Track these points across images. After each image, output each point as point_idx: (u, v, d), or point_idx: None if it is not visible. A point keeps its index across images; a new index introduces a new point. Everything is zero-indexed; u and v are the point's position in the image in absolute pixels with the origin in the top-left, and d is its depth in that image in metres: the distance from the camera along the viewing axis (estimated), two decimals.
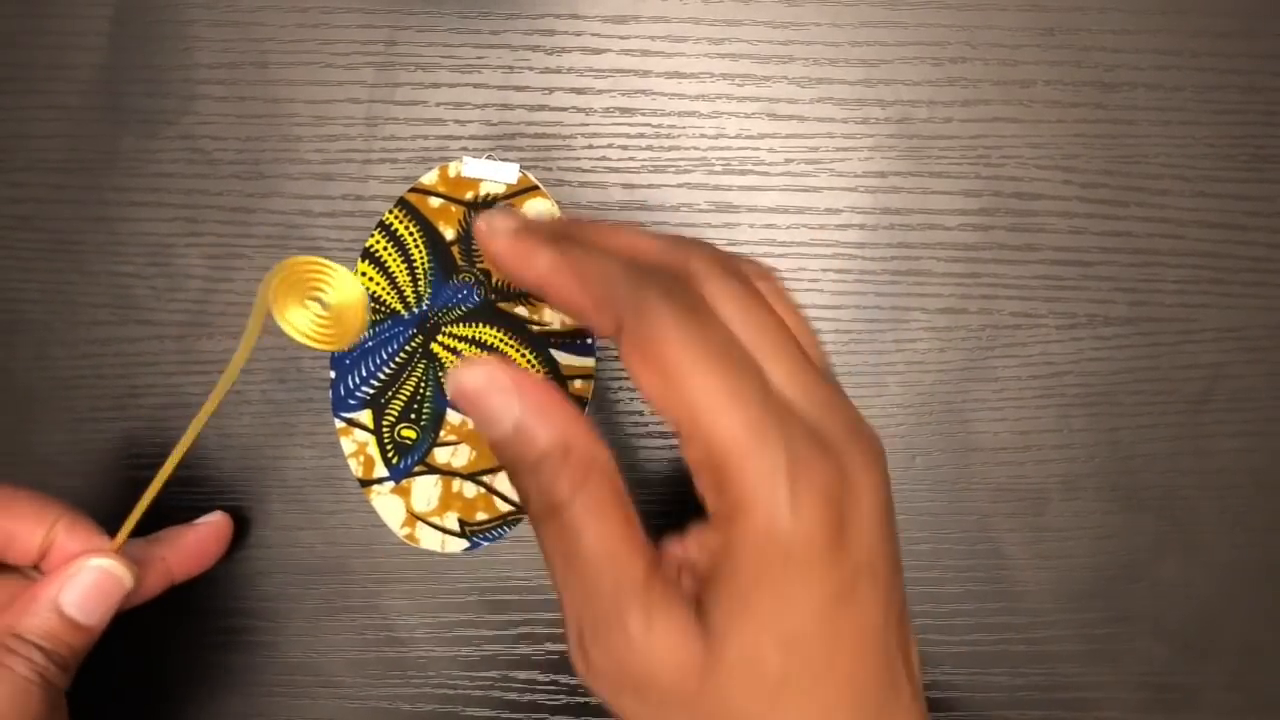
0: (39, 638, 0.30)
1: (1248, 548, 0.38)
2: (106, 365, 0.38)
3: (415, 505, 0.37)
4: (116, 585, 0.31)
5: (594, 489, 0.23)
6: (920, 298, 0.38)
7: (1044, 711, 0.38)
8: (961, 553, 0.38)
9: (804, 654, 0.22)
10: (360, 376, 0.37)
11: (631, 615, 0.22)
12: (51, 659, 0.30)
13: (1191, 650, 0.38)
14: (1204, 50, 0.38)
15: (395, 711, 0.38)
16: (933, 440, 0.38)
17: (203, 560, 0.35)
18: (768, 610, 0.22)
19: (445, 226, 0.37)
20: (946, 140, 0.38)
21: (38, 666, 0.29)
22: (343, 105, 0.38)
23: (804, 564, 0.22)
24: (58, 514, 0.31)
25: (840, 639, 0.23)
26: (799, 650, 0.22)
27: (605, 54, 0.38)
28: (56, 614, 0.30)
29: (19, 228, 0.38)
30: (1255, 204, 0.38)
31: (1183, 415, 0.38)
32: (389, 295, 0.37)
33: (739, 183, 0.38)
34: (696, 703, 0.22)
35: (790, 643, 0.22)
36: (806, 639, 0.22)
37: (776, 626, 0.22)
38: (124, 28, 0.38)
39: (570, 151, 0.38)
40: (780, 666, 0.22)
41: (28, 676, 0.29)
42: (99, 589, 0.31)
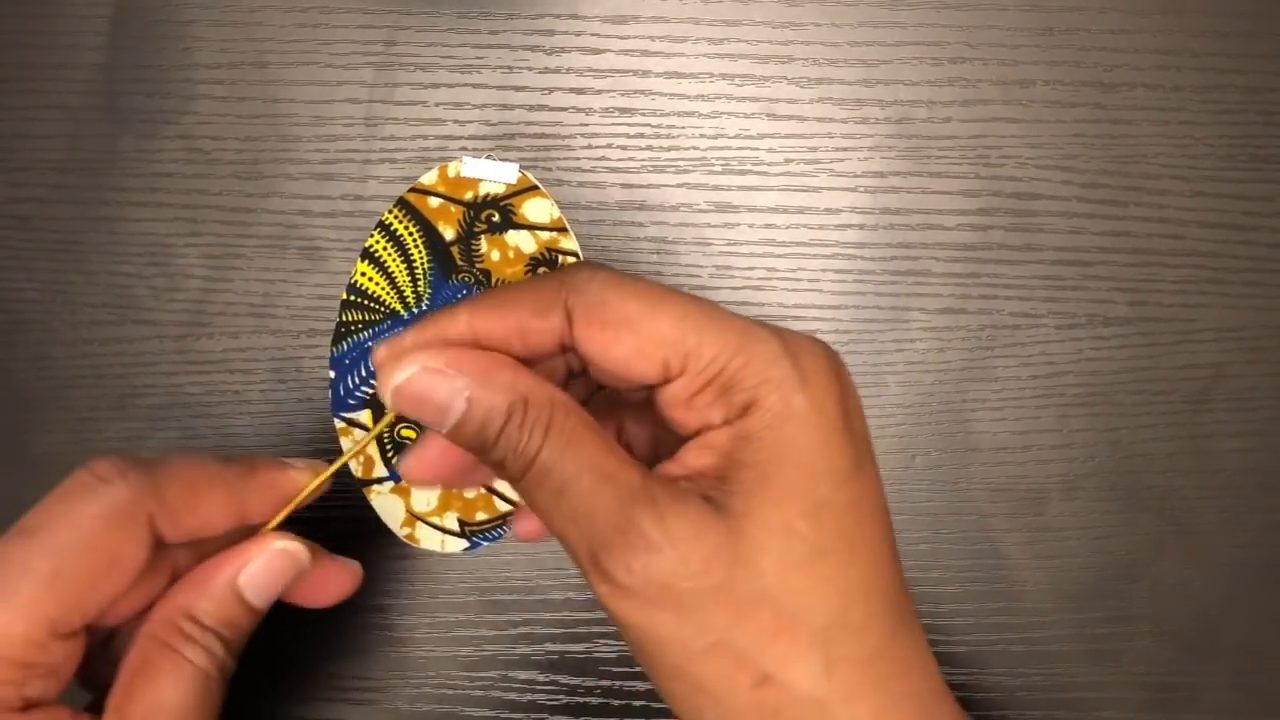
0: (218, 624, 0.27)
1: (1248, 548, 0.38)
2: (106, 365, 0.38)
3: (415, 505, 0.37)
4: (296, 569, 0.28)
5: (562, 424, 0.23)
6: (920, 298, 0.38)
7: (1044, 711, 0.38)
8: (961, 553, 0.38)
9: (833, 523, 0.22)
10: (360, 376, 0.37)
11: (643, 519, 0.22)
12: (229, 649, 0.27)
13: (1192, 650, 0.38)
14: (1204, 50, 0.38)
15: (395, 711, 0.38)
16: (933, 440, 0.38)
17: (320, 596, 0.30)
18: (792, 482, 0.22)
19: (445, 226, 0.37)
20: (946, 140, 0.38)
21: (217, 658, 0.26)
22: (342, 105, 0.38)
23: (822, 433, 0.22)
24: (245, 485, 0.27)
25: (862, 507, 0.23)
26: (827, 519, 0.22)
27: (605, 54, 0.38)
28: (235, 598, 0.27)
29: (19, 228, 0.38)
30: (1255, 204, 0.38)
31: (1183, 415, 0.38)
32: (388, 295, 0.37)
33: (738, 183, 0.38)
34: (728, 590, 0.22)
35: (818, 512, 0.22)
36: (833, 508, 0.22)
37: (803, 496, 0.22)
38: (124, 28, 0.38)
39: (570, 151, 0.38)
40: (814, 537, 0.22)
41: (207, 669, 0.26)
42: (280, 571, 0.28)
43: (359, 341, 0.37)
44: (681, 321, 0.23)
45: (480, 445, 0.24)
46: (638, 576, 0.22)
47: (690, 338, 0.23)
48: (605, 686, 0.38)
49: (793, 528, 0.22)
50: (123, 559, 0.25)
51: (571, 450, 0.23)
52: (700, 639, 0.22)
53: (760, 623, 0.22)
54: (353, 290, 0.37)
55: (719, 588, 0.22)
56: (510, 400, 0.23)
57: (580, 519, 0.23)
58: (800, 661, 0.22)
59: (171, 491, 0.26)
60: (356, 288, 0.37)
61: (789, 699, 0.22)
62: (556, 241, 0.37)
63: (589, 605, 0.38)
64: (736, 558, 0.22)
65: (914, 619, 0.24)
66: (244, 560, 0.27)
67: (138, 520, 0.26)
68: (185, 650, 0.26)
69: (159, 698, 0.25)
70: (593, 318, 0.23)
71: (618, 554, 0.22)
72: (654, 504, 0.22)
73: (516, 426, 0.23)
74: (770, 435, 0.22)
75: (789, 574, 0.22)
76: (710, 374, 0.23)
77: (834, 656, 0.22)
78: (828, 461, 0.23)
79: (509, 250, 0.37)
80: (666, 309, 0.23)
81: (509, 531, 0.37)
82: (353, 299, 0.37)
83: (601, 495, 0.22)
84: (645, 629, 0.22)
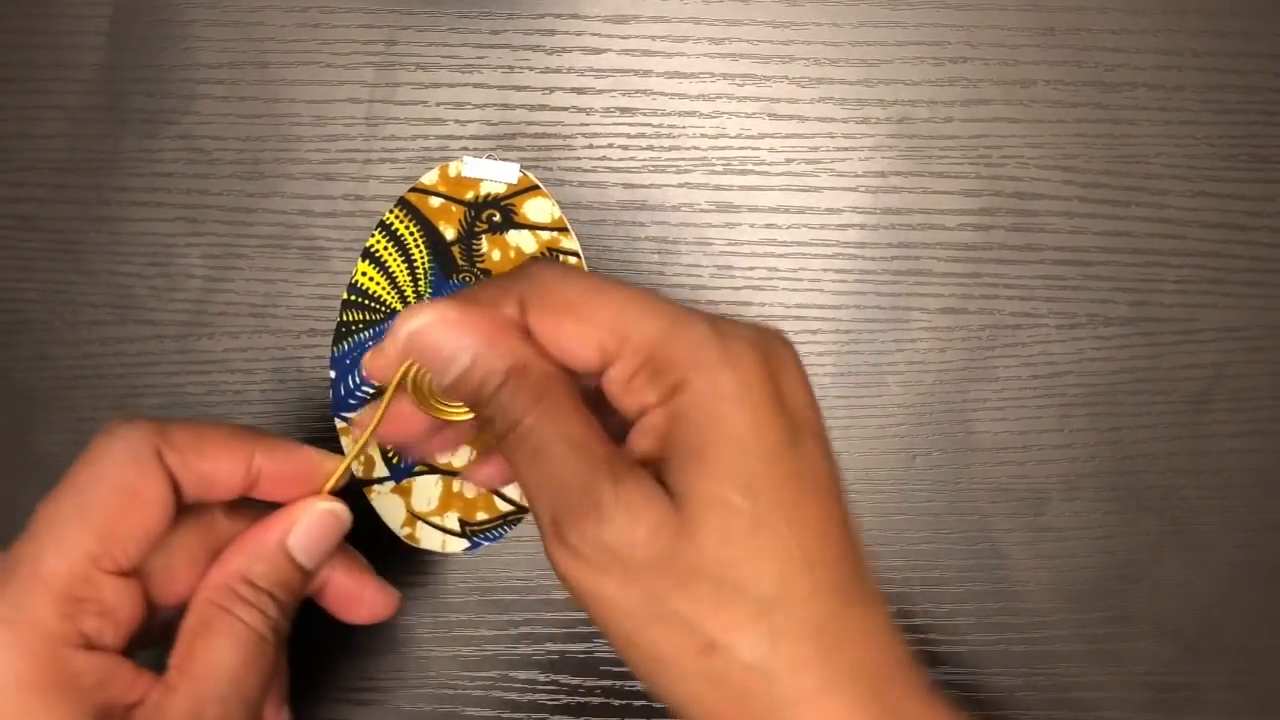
0: (272, 585, 0.28)
1: (1248, 548, 0.38)
2: (106, 365, 0.38)
3: (416, 505, 0.37)
4: (341, 529, 0.29)
5: (551, 394, 0.25)
6: (920, 297, 0.38)
7: (1044, 711, 0.38)
8: (962, 553, 0.38)
9: (769, 495, 0.23)
10: (360, 376, 0.37)
11: (602, 490, 0.23)
12: (283, 610, 0.28)
13: (1192, 650, 0.38)
14: (1204, 50, 0.38)
15: (395, 711, 0.38)
16: (933, 440, 0.38)
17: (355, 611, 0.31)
18: (724, 457, 0.23)
19: (446, 226, 0.37)
20: (947, 140, 0.38)
21: (271, 619, 0.27)
22: (343, 105, 0.38)
23: (750, 410, 0.24)
24: (252, 444, 0.28)
25: (802, 481, 0.24)
26: (763, 492, 0.23)
27: (605, 54, 0.38)
28: (286, 558, 0.28)
29: (19, 228, 0.38)
30: (1255, 204, 0.38)
31: (1183, 415, 0.38)
32: (389, 295, 0.37)
33: (739, 182, 0.38)
34: (673, 563, 0.23)
35: (752, 485, 0.23)
36: (768, 482, 0.23)
37: (735, 470, 0.23)
38: (124, 27, 0.38)
39: (571, 151, 0.38)
40: (749, 509, 0.23)
41: (261, 630, 0.27)
42: (326, 531, 0.29)
43: (360, 341, 0.37)
44: (618, 307, 0.25)
45: (475, 400, 0.25)
46: (589, 542, 0.23)
47: (626, 323, 0.24)
48: (606, 686, 0.38)
49: (728, 502, 0.23)
50: (143, 493, 0.26)
51: (554, 419, 0.24)
52: (646, 607, 0.23)
53: (702, 593, 0.23)
54: (353, 290, 0.37)
55: (663, 558, 0.23)
56: (509, 364, 0.25)
57: (550, 482, 0.24)
58: (744, 631, 0.23)
59: (178, 434, 0.28)
60: (357, 287, 0.37)
61: (736, 667, 0.23)
62: (557, 241, 0.37)
63: None
64: (679, 531, 0.23)
65: (872, 591, 0.25)
66: (291, 521, 0.28)
67: (148, 457, 0.27)
68: (239, 611, 0.27)
69: (216, 658, 0.26)
70: (541, 304, 0.25)
71: (575, 519, 0.23)
72: (614, 475, 0.23)
73: (510, 390, 0.25)
74: (699, 414, 0.24)
75: (726, 546, 0.23)
76: (643, 357, 0.24)
77: (778, 626, 0.23)
78: (757, 437, 0.24)
79: (510, 250, 0.37)
80: (606, 296, 0.25)
81: (508, 531, 0.37)
82: (353, 299, 0.37)
83: (571, 463, 0.24)
84: (594, 595, 0.24)
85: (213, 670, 0.26)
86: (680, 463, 0.24)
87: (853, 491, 0.38)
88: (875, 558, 0.38)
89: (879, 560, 0.38)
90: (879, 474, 0.38)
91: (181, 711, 0.25)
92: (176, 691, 0.26)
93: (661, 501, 0.23)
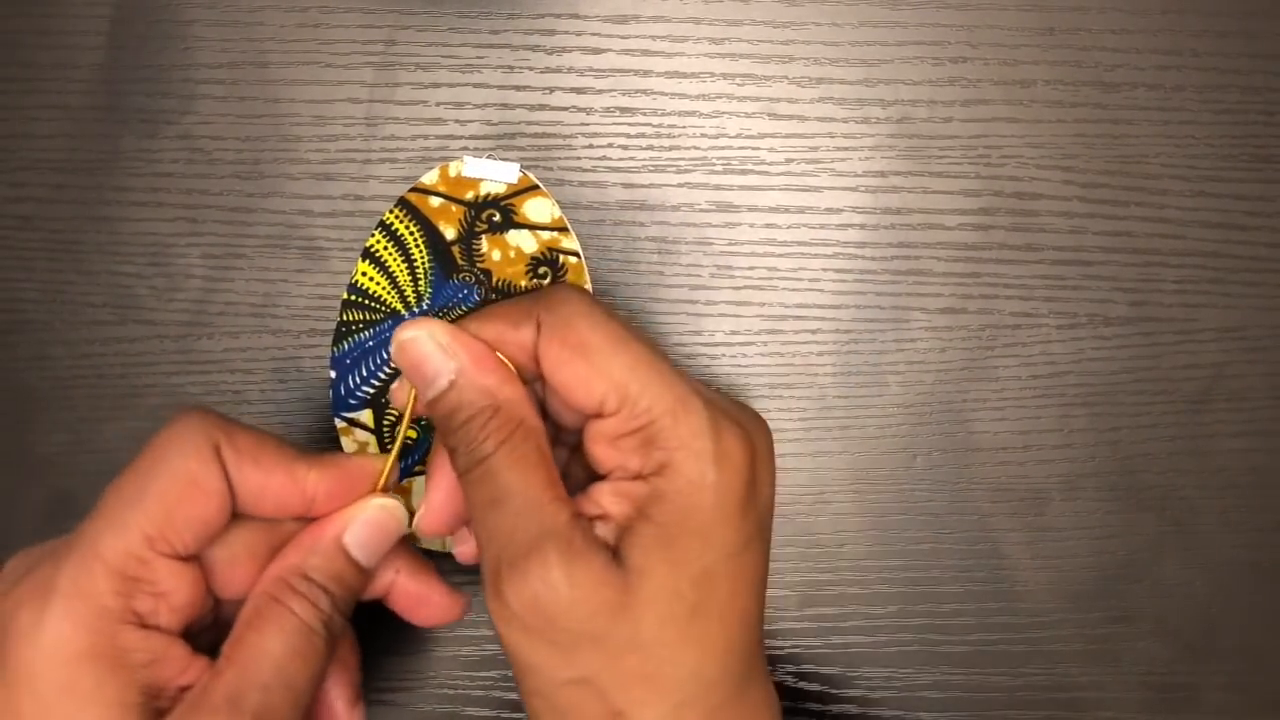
0: (326, 579, 0.28)
1: (1248, 548, 0.38)
2: (106, 365, 0.38)
3: (416, 504, 0.37)
4: (398, 527, 0.30)
5: (519, 444, 0.25)
6: (920, 297, 0.38)
7: (1044, 711, 0.38)
8: (961, 553, 0.38)
9: (713, 590, 0.25)
10: (361, 376, 0.37)
11: (553, 560, 0.24)
12: (337, 604, 0.28)
13: (1191, 650, 0.38)
14: (1204, 50, 0.38)
15: (396, 711, 0.38)
16: (933, 440, 0.38)
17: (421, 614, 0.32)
18: (688, 549, 0.24)
19: (446, 226, 0.37)
20: (947, 140, 0.38)
21: (323, 613, 0.28)
22: (343, 105, 0.38)
23: (723, 512, 0.25)
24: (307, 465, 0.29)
25: (740, 581, 0.25)
26: (710, 587, 0.25)
27: (605, 54, 0.38)
28: (342, 554, 0.29)
29: (19, 228, 0.38)
30: (1255, 204, 0.38)
31: (1183, 415, 0.38)
32: (389, 295, 0.37)
33: (739, 182, 0.38)
34: (607, 638, 0.24)
35: (703, 580, 0.25)
36: (717, 578, 0.25)
37: (695, 564, 0.24)
38: (124, 27, 0.38)
39: (571, 151, 0.38)
40: (693, 599, 0.25)
41: (310, 622, 0.27)
42: (383, 529, 0.29)
43: (360, 341, 0.37)
44: (632, 367, 0.25)
45: (444, 426, 0.26)
46: (527, 605, 0.24)
47: (634, 384, 0.25)
48: None
49: (679, 590, 0.24)
50: (201, 481, 0.27)
51: (518, 470, 0.25)
52: (567, 671, 0.24)
53: (627, 667, 0.24)
54: (353, 290, 0.37)
55: (598, 636, 0.24)
56: (485, 402, 0.25)
57: (501, 533, 0.24)
58: (652, 706, 0.24)
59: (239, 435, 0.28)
60: (357, 287, 0.37)
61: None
62: (557, 241, 0.37)
63: None
64: (623, 608, 0.24)
65: (764, 675, 0.27)
66: (348, 519, 0.29)
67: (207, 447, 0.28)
68: (291, 603, 0.27)
69: (263, 646, 0.27)
70: (556, 335, 0.26)
71: (519, 577, 0.24)
72: (569, 547, 0.24)
73: (479, 426, 0.25)
74: (680, 500, 0.25)
75: (664, 629, 0.24)
76: (640, 423, 0.25)
77: (683, 703, 0.25)
78: (722, 536, 0.25)
79: (510, 250, 0.37)
80: (623, 351, 0.25)
81: None
82: (353, 299, 0.37)
83: (527, 520, 0.24)
84: (520, 651, 0.25)
85: (258, 658, 0.27)
86: (645, 540, 0.24)
87: (853, 491, 0.38)
88: (875, 558, 0.38)
89: (879, 560, 0.38)
90: (879, 474, 0.38)
91: (223, 695, 0.26)
92: (221, 675, 0.26)
93: (610, 581, 0.24)
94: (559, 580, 0.24)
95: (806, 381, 0.38)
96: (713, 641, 0.25)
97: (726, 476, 0.25)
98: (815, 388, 0.38)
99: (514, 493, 0.25)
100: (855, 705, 0.38)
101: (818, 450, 0.38)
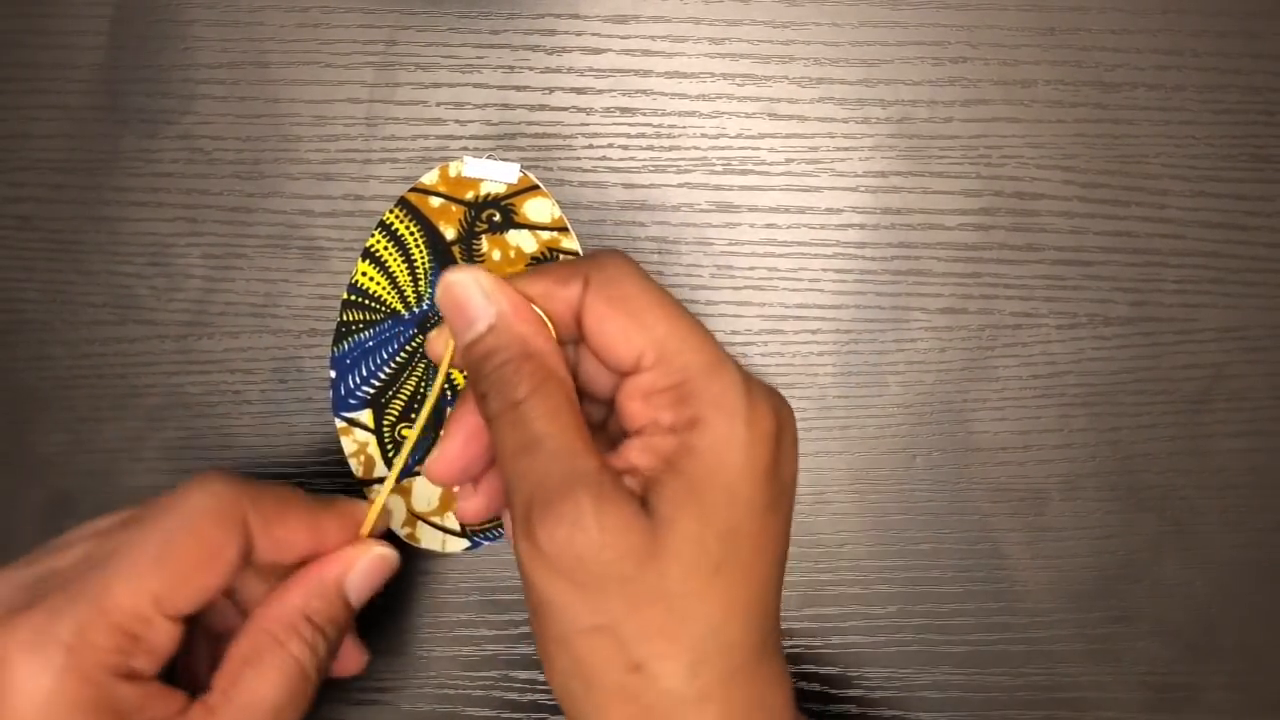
0: (325, 622, 0.29)
1: (1248, 548, 0.38)
2: (106, 365, 0.38)
3: (416, 505, 0.37)
4: (390, 572, 0.31)
5: (553, 391, 0.25)
6: (920, 297, 0.38)
7: (1044, 711, 0.38)
8: (961, 553, 0.38)
9: (737, 548, 0.25)
10: (361, 376, 0.37)
11: (585, 502, 0.24)
12: (330, 649, 0.29)
13: (1191, 650, 0.38)
14: (1204, 50, 0.38)
15: (395, 711, 0.38)
16: (933, 440, 0.38)
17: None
18: (716, 503, 0.25)
19: (446, 226, 0.37)
20: (947, 140, 0.38)
21: (319, 657, 0.29)
22: (343, 105, 0.38)
23: (751, 471, 0.25)
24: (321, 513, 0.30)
25: (763, 544, 0.26)
26: (734, 544, 0.25)
27: (605, 54, 0.38)
28: (340, 597, 0.30)
29: (19, 228, 0.38)
30: (1255, 204, 0.38)
31: (1183, 415, 0.38)
32: (389, 295, 0.37)
33: (739, 182, 0.38)
34: (632, 583, 0.24)
35: (729, 536, 0.25)
36: (741, 536, 0.25)
37: (721, 519, 0.25)
38: (124, 27, 0.38)
39: (571, 151, 0.38)
40: (718, 555, 0.25)
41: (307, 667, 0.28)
42: (378, 575, 0.31)
43: (360, 341, 0.37)
44: (672, 326, 0.26)
45: (478, 370, 0.26)
46: (559, 545, 0.24)
47: (672, 341, 0.26)
48: None
49: (705, 544, 0.25)
50: (222, 552, 0.28)
51: (550, 415, 0.25)
52: (590, 617, 0.24)
53: (649, 618, 0.24)
54: (354, 290, 0.37)
55: (625, 580, 0.24)
56: (521, 348, 0.26)
57: (533, 476, 0.25)
58: (672, 660, 0.25)
59: (265, 500, 0.29)
60: (357, 287, 0.37)
61: (653, 690, 0.25)
62: (558, 241, 0.37)
63: None
64: (650, 557, 0.24)
65: (780, 653, 0.27)
66: (350, 562, 0.30)
67: (235, 519, 0.28)
68: (294, 647, 0.28)
69: (264, 690, 0.28)
70: (602, 292, 0.26)
71: (551, 518, 0.24)
72: (600, 491, 0.24)
73: (514, 369, 0.25)
74: (709, 455, 0.25)
75: (689, 581, 0.24)
76: (675, 379, 0.25)
77: (701, 661, 0.25)
78: (749, 495, 0.25)
79: (510, 250, 0.37)
80: (664, 310, 0.26)
81: None
82: (354, 299, 0.37)
83: (559, 464, 0.25)
84: (547, 593, 0.25)
85: (258, 702, 0.27)
86: (673, 492, 0.25)
87: (853, 491, 0.38)
88: (875, 558, 0.38)
89: (879, 560, 0.38)
90: (879, 474, 0.38)
91: None
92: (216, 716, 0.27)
93: (639, 527, 0.24)
94: (590, 522, 0.24)
95: (807, 381, 0.38)
96: (734, 600, 0.25)
97: (756, 437, 0.25)
98: (815, 388, 0.38)
99: (546, 437, 0.25)
100: (855, 705, 0.38)
101: (818, 450, 0.38)
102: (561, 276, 0.27)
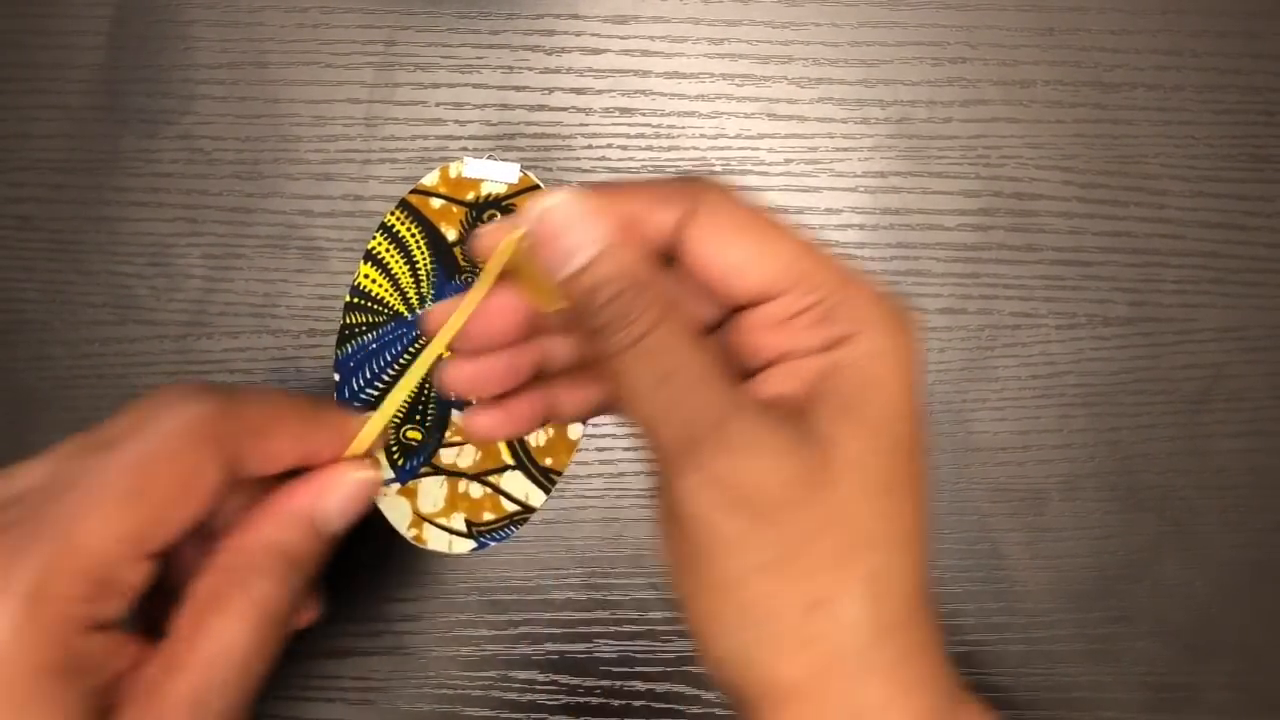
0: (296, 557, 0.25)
1: (1248, 548, 0.38)
2: (106, 365, 0.38)
3: (422, 507, 0.37)
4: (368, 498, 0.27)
5: (680, 319, 0.23)
6: (920, 297, 0.38)
7: (1044, 711, 0.38)
8: (962, 553, 0.38)
9: (902, 463, 0.23)
10: (365, 379, 0.37)
11: (739, 425, 0.22)
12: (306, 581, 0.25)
13: (1191, 650, 0.38)
14: (1204, 50, 0.38)
15: (395, 711, 0.38)
16: (933, 440, 0.38)
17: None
18: (874, 417, 0.23)
19: (447, 227, 0.37)
20: (946, 140, 0.38)
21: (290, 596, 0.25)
22: (343, 105, 0.38)
23: (904, 379, 0.23)
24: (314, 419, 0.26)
25: (919, 453, 0.24)
26: (898, 458, 0.23)
27: (605, 54, 0.38)
28: (313, 530, 0.26)
29: (19, 228, 0.38)
30: (1255, 204, 0.38)
31: (1183, 415, 0.38)
32: (392, 297, 0.37)
33: (739, 183, 0.38)
34: (806, 509, 0.22)
35: (892, 449, 0.23)
36: (903, 449, 0.23)
37: (882, 433, 0.23)
38: (124, 28, 0.38)
39: (570, 151, 0.38)
40: (887, 471, 0.23)
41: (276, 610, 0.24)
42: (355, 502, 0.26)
43: (363, 344, 0.37)
44: (800, 246, 0.24)
45: (588, 303, 0.23)
46: (739, 473, 0.22)
47: (805, 262, 0.24)
48: (605, 686, 0.38)
49: (867, 461, 0.23)
50: (202, 479, 0.24)
51: (686, 344, 0.23)
52: (765, 551, 0.22)
53: (825, 547, 0.22)
54: (356, 292, 0.37)
55: (797, 505, 0.22)
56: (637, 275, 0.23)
57: (680, 408, 0.22)
58: (852, 590, 0.22)
59: (250, 413, 0.25)
60: (360, 290, 0.37)
61: (833, 628, 0.22)
62: None
63: (589, 605, 0.38)
64: (817, 481, 0.22)
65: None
66: (322, 490, 0.26)
67: (217, 438, 0.24)
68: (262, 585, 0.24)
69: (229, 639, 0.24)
70: (719, 219, 0.24)
71: (720, 448, 0.22)
72: (760, 415, 0.22)
73: (633, 298, 0.23)
74: (861, 369, 0.23)
75: (861, 503, 0.22)
76: (815, 299, 0.24)
77: (882, 590, 0.23)
78: (906, 405, 0.23)
79: None
80: (788, 233, 0.24)
81: (515, 530, 0.37)
82: (356, 301, 0.37)
83: (708, 392, 0.22)
84: (716, 529, 0.22)
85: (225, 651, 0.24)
86: (831, 412, 0.23)
87: None
88: None
89: None
90: None
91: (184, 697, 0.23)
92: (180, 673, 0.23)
93: (799, 448, 0.22)
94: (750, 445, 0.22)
95: None
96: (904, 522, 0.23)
97: (905, 345, 0.24)
98: None
99: (686, 366, 0.22)
100: None
101: None
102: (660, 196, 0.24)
